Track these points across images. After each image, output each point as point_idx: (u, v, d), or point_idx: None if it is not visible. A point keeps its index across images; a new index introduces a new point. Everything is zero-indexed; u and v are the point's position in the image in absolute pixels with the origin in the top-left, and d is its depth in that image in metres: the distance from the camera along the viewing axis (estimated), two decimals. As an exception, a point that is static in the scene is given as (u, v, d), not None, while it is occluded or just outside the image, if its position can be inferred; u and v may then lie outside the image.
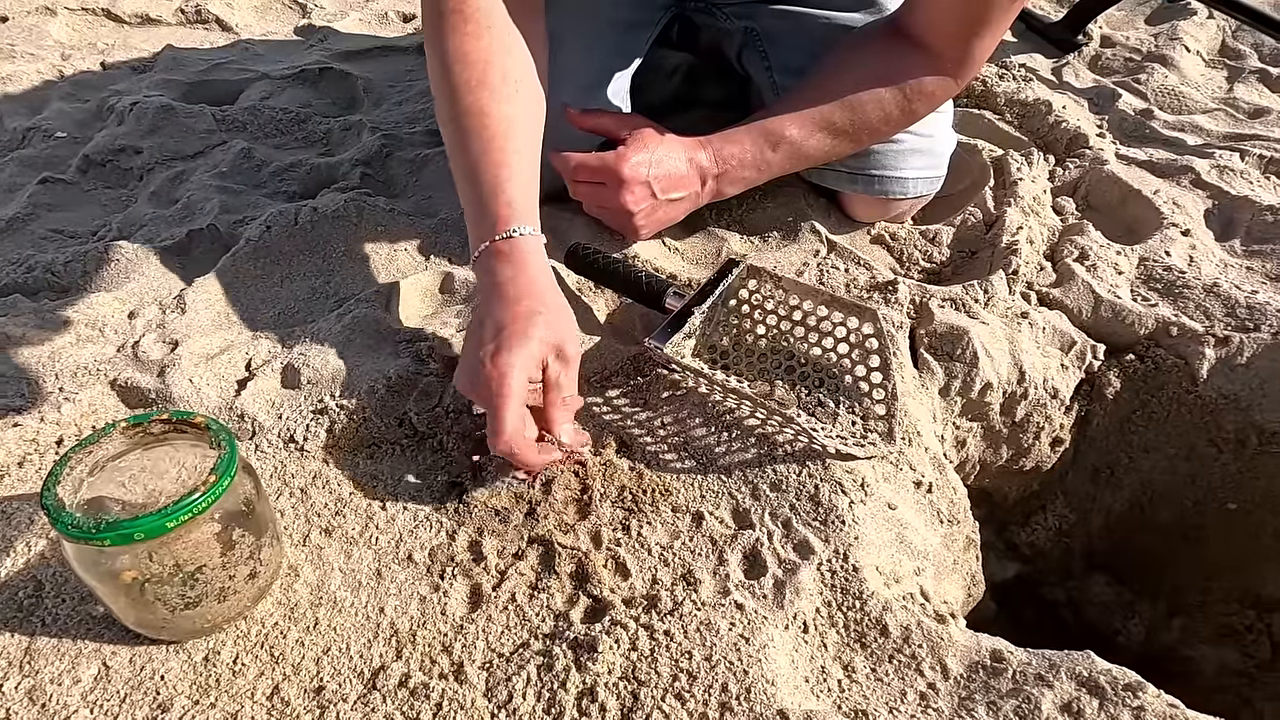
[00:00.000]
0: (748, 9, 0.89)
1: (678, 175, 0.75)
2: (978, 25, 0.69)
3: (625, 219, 0.76)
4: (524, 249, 0.59)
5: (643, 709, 0.45)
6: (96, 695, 0.45)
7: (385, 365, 0.65)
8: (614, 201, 0.74)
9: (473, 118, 0.62)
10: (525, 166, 0.63)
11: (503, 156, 0.61)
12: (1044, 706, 0.45)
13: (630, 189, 0.73)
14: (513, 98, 0.64)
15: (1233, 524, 0.77)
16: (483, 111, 0.62)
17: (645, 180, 0.73)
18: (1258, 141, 1.03)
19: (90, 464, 0.43)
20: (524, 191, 0.61)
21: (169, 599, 0.43)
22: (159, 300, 0.74)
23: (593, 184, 0.75)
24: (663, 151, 0.74)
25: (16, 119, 1.06)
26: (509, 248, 0.59)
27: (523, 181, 0.62)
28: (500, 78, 0.63)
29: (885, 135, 0.78)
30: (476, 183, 0.61)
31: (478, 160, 0.61)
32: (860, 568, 0.53)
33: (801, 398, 0.64)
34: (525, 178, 0.62)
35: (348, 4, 1.48)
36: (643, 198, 0.74)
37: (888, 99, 0.73)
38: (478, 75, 0.62)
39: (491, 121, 0.62)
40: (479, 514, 0.56)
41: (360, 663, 0.47)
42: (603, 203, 0.76)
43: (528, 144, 0.63)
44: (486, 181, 0.61)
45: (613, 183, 0.73)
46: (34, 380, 0.64)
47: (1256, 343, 0.74)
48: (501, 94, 0.63)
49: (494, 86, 0.63)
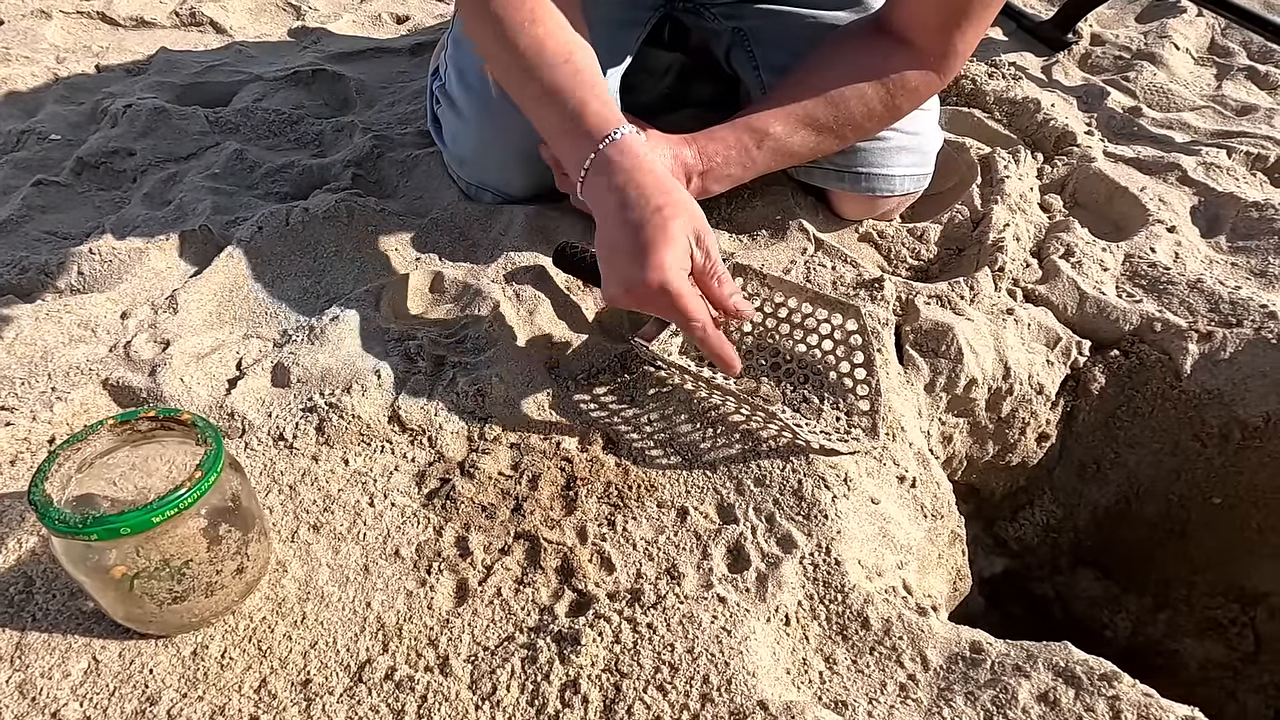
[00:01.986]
0: (735, 9, 0.90)
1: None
2: (959, 19, 0.69)
3: None
4: (634, 147, 0.60)
5: (624, 700, 0.46)
6: (86, 689, 0.45)
7: (375, 363, 0.66)
8: None
9: (534, 53, 0.64)
10: (599, 80, 0.64)
11: (577, 76, 0.63)
12: (1021, 696, 0.46)
13: None
14: (565, 27, 0.66)
15: (1217, 518, 0.77)
16: (542, 44, 0.64)
17: None
18: (1245, 138, 1.04)
19: (78, 461, 0.44)
20: (607, 101, 0.63)
21: (157, 594, 0.44)
22: (151, 300, 0.75)
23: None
24: (648, 147, 0.75)
25: (11, 122, 1.07)
26: (619, 150, 0.60)
27: (602, 91, 0.63)
28: (548, 13, 0.66)
29: (870, 132, 0.79)
30: (560, 105, 0.63)
31: (553, 86, 0.63)
32: (842, 561, 0.54)
33: (786, 394, 0.65)
34: (603, 88, 0.64)
35: (341, 6, 1.49)
36: None
37: (871, 95, 0.74)
38: (527, 14, 0.65)
39: (552, 46, 0.64)
40: (466, 510, 0.57)
41: (347, 656, 0.48)
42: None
43: (591, 61, 0.65)
44: (570, 101, 0.62)
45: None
46: (27, 380, 0.64)
47: (1239, 338, 0.75)
48: (555, 24, 0.65)
49: (545, 21, 0.65)
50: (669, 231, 0.55)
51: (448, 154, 0.90)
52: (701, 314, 0.56)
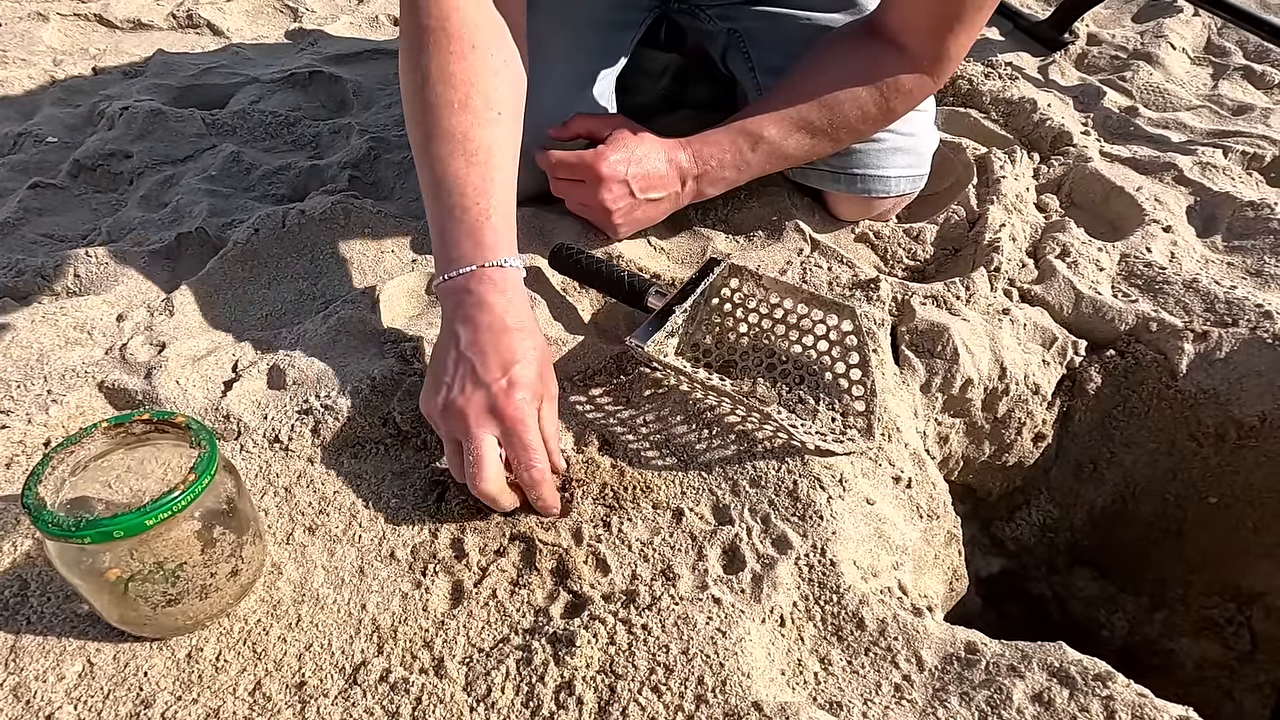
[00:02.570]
0: (730, 10, 0.90)
1: (656, 175, 0.75)
2: (952, 23, 0.69)
3: (604, 216, 0.77)
4: (516, 280, 0.59)
5: (619, 702, 0.46)
6: (80, 692, 0.45)
7: (370, 366, 0.66)
8: (592, 199, 0.75)
9: (454, 142, 0.60)
10: (508, 196, 0.62)
11: (486, 185, 0.60)
12: (1015, 696, 0.46)
13: (608, 187, 0.74)
14: (495, 122, 0.62)
15: (1213, 517, 0.77)
16: (466, 136, 0.60)
17: (623, 179, 0.74)
18: (1240, 138, 1.04)
19: (72, 464, 0.44)
20: (508, 223, 0.61)
21: (151, 596, 0.44)
22: (147, 303, 0.75)
23: (572, 181, 0.76)
24: (642, 151, 0.75)
25: (8, 124, 1.07)
26: (501, 276, 0.58)
27: (507, 211, 0.61)
28: (483, 102, 0.61)
29: (865, 134, 0.79)
30: (458, 206, 0.59)
31: (460, 184, 0.60)
32: (838, 562, 0.54)
33: (782, 395, 0.65)
34: (508, 207, 0.61)
35: (338, 7, 1.49)
36: (620, 196, 0.75)
37: (865, 98, 0.74)
38: (460, 97, 0.60)
39: (472, 146, 0.60)
40: (461, 512, 0.57)
41: (342, 658, 0.48)
42: (582, 200, 0.77)
43: (507, 174, 0.62)
44: (471, 207, 0.59)
45: (591, 180, 0.74)
46: (22, 382, 0.64)
47: (1235, 338, 0.75)
48: (484, 118, 0.61)
49: (476, 110, 0.61)
50: (535, 375, 0.55)
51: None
52: (498, 476, 0.53)
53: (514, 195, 0.63)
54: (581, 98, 0.83)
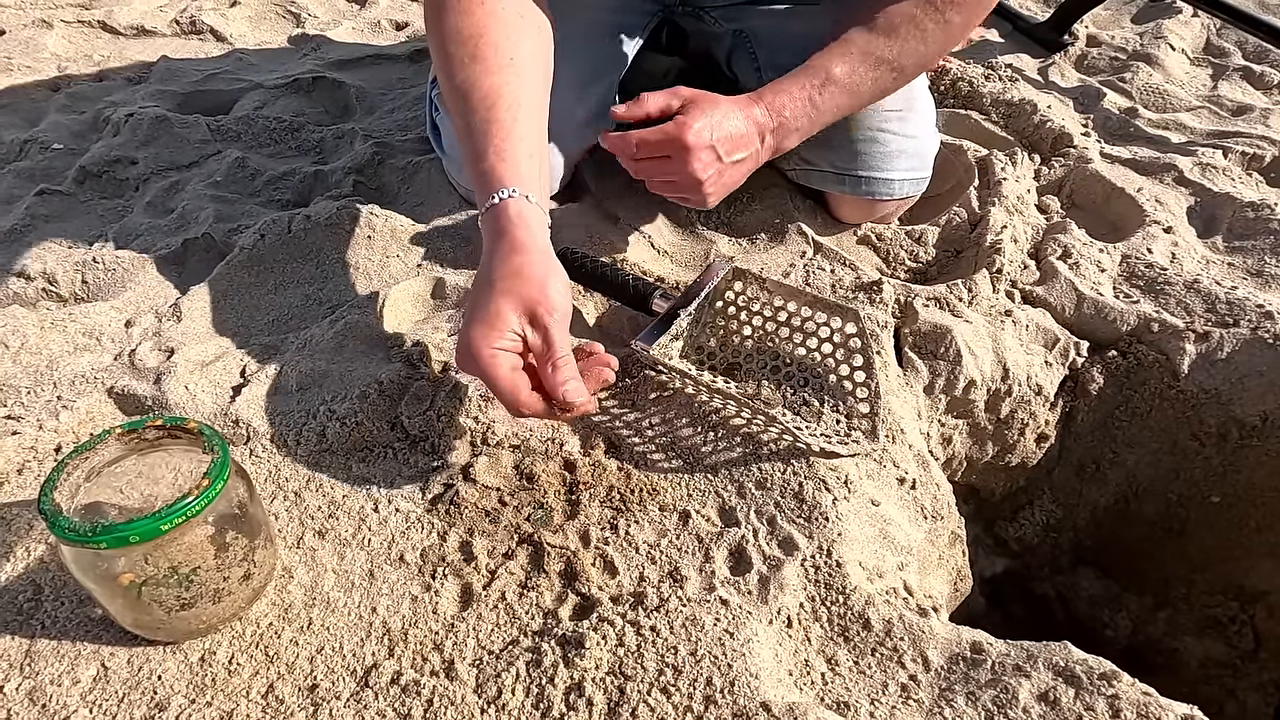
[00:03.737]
0: (735, 11, 0.90)
1: (739, 135, 0.73)
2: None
3: (695, 187, 0.74)
4: (500, 215, 0.59)
5: (629, 703, 0.46)
6: (95, 695, 0.46)
7: (378, 370, 0.66)
8: (682, 172, 0.72)
9: (463, 95, 0.63)
10: (508, 133, 0.62)
11: (487, 128, 0.61)
12: (1021, 696, 0.46)
13: (697, 156, 0.71)
14: (502, 69, 0.63)
15: (1216, 517, 0.78)
16: (473, 86, 0.63)
17: (710, 144, 0.72)
18: (1240, 139, 1.05)
19: (86, 470, 0.45)
20: (504, 157, 0.61)
21: (165, 600, 0.45)
22: (155, 309, 0.75)
23: (656, 159, 0.73)
24: (720, 114, 0.73)
25: (14, 131, 1.07)
26: (489, 218, 0.59)
27: (504, 147, 0.61)
28: (491, 50, 0.64)
29: (929, 57, 0.76)
30: (469, 154, 0.62)
31: (467, 136, 0.62)
32: (843, 563, 0.54)
33: (787, 397, 0.65)
34: (508, 144, 0.61)
35: (340, 13, 1.49)
36: (710, 163, 0.72)
37: (919, 15, 0.73)
38: (469, 50, 0.63)
39: (478, 94, 0.62)
40: (469, 515, 0.57)
41: (353, 661, 0.48)
42: (669, 175, 0.74)
43: (511, 112, 0.63)
44: (473, 155, 0.61)
45: (678, 153, 0.71)
46: (33, 388, 0.65)
47: (1236, 338, 0.75)
48: (492, 65, 0.63)
49: (485, 59, 0.63)
50: (490, 310, 0.54)
51: (447, 161, 0.90)
52: (513, 397, 0.53)
53: (525, 128, 0.63)
54: (584, 99, 0.84)
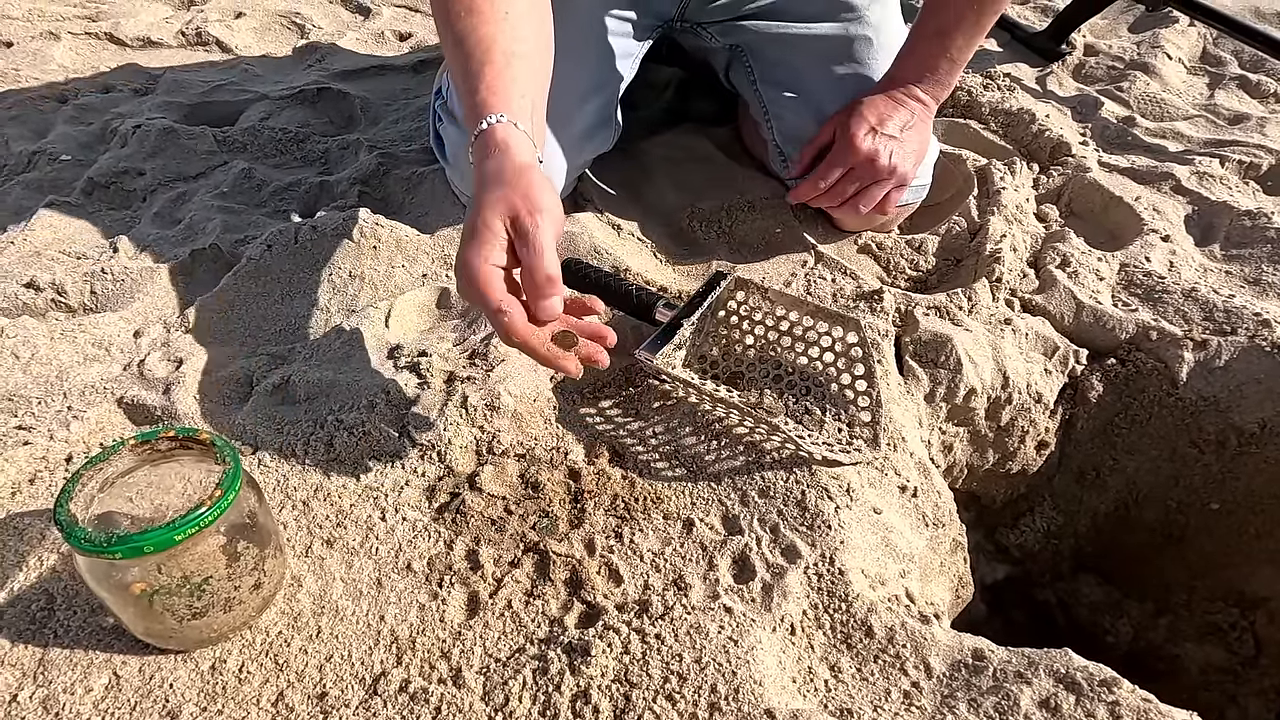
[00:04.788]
0: (731, 27, 0.91)
1: (887, 107, 0.81)
2: None
3: (886, 170, 0.79)
4: (488, 139, 0.59)
5: (634, 710, 0.47)
6: (108, 704, 0.46)
7: (384, 380, 0.67)
8: (864, 164, 0.79)
9: (459, 43, 0.64)
10: (500, 73, 0.62)
11: (480, 69, 0.62)
12: (1023, 703, 0.47)
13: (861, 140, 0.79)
14: (498, 20, 0.64)
15: (1215, 523, 0.78)
16: (467, 35, 0.64)
17: (870, 127, 0.79)
18: (1237, 147, 1.06)
19: (100, 480, 0.45)
20: (495, 91, 0.61)
21: (177, 609, 0.45)
22: (163, 319, 0.76)
23: (841, 179, 0.81)
24: (862, 105, 0.81)
25: (22, 142, 1.08)
26: (478, 145, 0.60)
27: (495, 84, 0.62)
28: (487, 3, 0.64)
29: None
30: (463, 101, 0.63)
31: (463, 80, 0.63)
32: (846, 571, 0.55)
33: (789, 406, 0.66)
34: (499, 81, 0.62)
35: (344, 24, 1.51)
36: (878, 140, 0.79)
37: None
38: (466, 4, 0.64)
39: (472, 41, 0.63)
40: (476, 523, 0.58)
41: (361, 669, 0.49)
42: (861, 180, 0.80)
43: (505, 58, 0.63)
44: (466, 95, 0.62)
45: (849, 155, 0.79)
46: (43, 399, 0.66)
47: (1234, 346, 0.76)
48: (487, 16, 0.64)
49: (481, 10, 0.64)
50: (478, 223, 0.54)
51: (450, 170, 0.91)
52: (502, 302, 0.51)
53: (518, 71, 0.63)
54: (584, 111, 0.84)
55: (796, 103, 0.87)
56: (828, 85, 0.86)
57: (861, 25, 0.87)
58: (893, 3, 0.92)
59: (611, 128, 0.88)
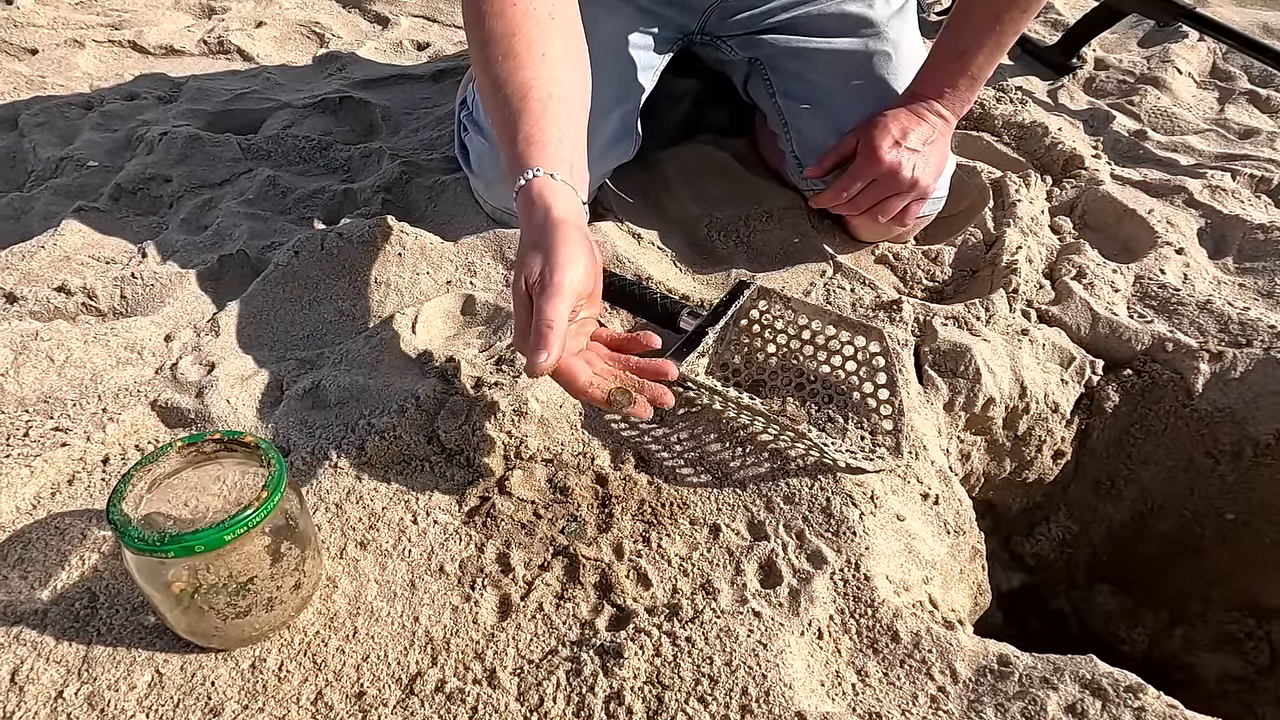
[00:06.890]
0: (750, 41, 0.93)
1: (910, 120, 0.82)
2: None
3: (909, 183, 0.81)
4: (524, 196, 0.61)
5: (667, 711, 0.47)
6: (152, 700, 0.47)
7: (414, 385, 0.68)
8: (904, 185, 0.80)
9: (498, 89, 0.65)
10: (538, 119, 0.63)
11: (518, 117, 0.63)
12: (1049, 708, 0.48)
13: (885, 151, 0.79)
14: (535, 63, 0.65)
15: (1231, 533, 0.79)
16: (506, 80, 0.64)
17: (894, 140, 0.80)
18: (1248, 161, 1.07)
19: (149, 481, 0.46)
20: (532, 141, 0.62)
21: (221, 608, 0.46)
22: (194, 323, 0.77)
23: (865, 189, 0.82)
24: (886, 118, 0.81)
25: (49, 149, 1.10)
26: (520, 201, 0.61)
27: (533, 132, 0.62)
28: (524, 46, 0.65)
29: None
30: (504, 149, 0.64)
31: (502, 127, 0.64)
32: (871, 576, 0.55)
33: (812, 414, 0.67)
34: (536, 128, 0.63)
35: (363, 33, 1.53)
36: (911, 161, 0.80)
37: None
38: (503, 49, 0.65)
39: (510, 87, 0.64)
40: (506, 527, 0.59)
41: (398, 669, 0.50)
42: (884, 192, 0.81)
43: (541, 102, 0.64)
44: (506, 144, 0.63)
45: (871, 166, 0.80)
46: (78, 401, 0.67)
47: (1249, 358, 0.77)
48: (524, 61, 0.65)
49: (518, 54, 0.65)
50: (514, 281, 0.58)
51: (474, 179, 0.93)
52: (534, 368, 0.53)
53: (555, 114, 0.64)
54: (605, 127, 0.86)
55: (815, 115, 0.89)
56: (847, 99, 0.87)
57: (881, 41, 0.88)
58: (911, 19, 0.93)
59: (633, 138, 0.90)
